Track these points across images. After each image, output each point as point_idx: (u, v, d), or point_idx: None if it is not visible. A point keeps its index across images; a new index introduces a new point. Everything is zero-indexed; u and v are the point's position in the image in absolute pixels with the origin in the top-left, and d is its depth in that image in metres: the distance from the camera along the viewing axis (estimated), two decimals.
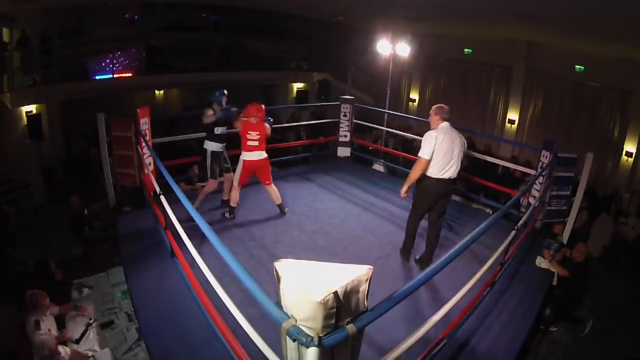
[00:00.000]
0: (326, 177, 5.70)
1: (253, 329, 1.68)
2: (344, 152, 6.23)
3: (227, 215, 4.23)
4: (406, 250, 3.63)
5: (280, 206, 4.37)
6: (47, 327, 2.94)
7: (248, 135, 3.97)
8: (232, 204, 4.19)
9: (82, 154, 7.71)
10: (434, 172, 3.17)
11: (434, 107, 3.30)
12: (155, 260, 3.33)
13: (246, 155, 4.02)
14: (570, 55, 7.03)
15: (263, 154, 4.08)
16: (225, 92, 4.09)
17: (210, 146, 4.09)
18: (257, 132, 3.98)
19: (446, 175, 3.18)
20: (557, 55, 7.25)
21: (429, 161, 3.13)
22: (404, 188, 3.28)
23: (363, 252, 3.78)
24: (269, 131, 4.09)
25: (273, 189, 4.26)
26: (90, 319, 3.22)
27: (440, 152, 3.11)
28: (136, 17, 9.11)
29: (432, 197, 3.26)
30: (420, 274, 1.73)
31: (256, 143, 4.00)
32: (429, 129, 3.22)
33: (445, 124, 3.20)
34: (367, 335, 2.36)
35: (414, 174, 3.19)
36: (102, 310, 3.43)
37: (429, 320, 1.92)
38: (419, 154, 3.15)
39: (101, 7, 8.32)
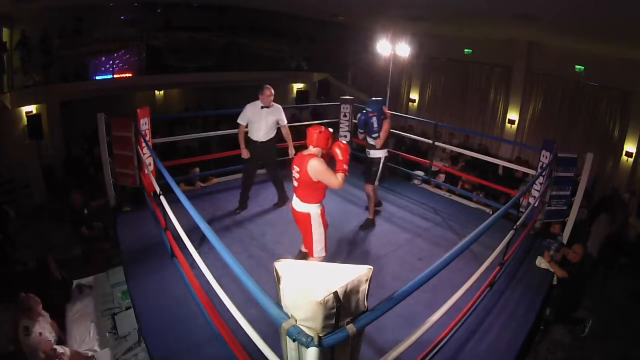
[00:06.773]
0: None
1: (253, 329, 1.68)
2: None
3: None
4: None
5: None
6: (39, 330, 2.86)
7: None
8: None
9: (85, 154, 7.71)
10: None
11: (268, 87, 4.03)
12: (155, 261, 3.32)
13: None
14: (570, 55, 7.03)
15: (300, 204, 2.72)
16: None
17: None
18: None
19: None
20: (557, 55, 7.24)
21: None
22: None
23: (363, 252, 3.78)
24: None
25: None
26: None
27: None
28: (136, 17, 9.10)
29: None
30: (420, 274, 1.73)
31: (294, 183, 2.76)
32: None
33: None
34: (367, 335, 2.36)
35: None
36: (102, 310, 3.43)
37: (428, 321, 1.92)
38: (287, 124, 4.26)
39: (101, 7, 8.33)
